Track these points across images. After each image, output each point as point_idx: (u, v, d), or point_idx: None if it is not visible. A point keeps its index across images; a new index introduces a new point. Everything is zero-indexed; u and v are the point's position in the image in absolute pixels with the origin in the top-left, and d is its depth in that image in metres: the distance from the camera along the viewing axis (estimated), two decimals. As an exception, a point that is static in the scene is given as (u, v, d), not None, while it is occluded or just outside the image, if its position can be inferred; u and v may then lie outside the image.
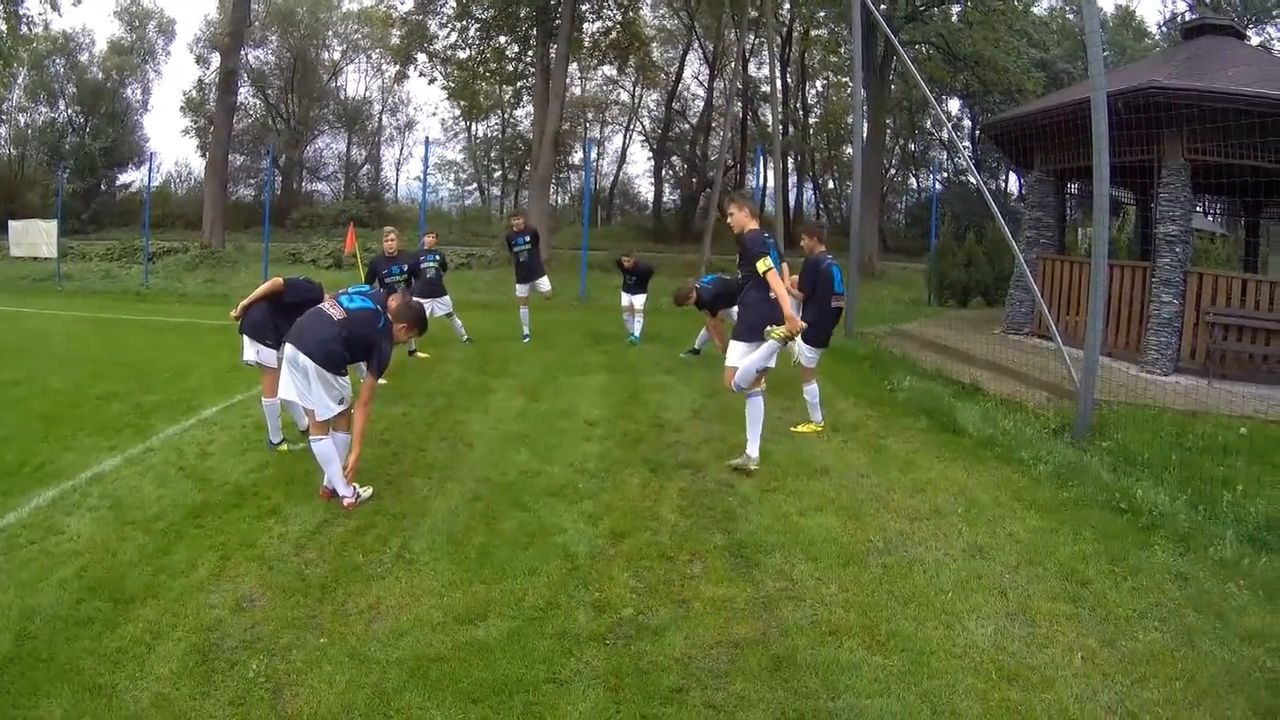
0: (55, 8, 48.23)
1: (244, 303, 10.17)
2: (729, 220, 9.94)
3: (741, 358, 9.45)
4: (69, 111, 65.14)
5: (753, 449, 9.46)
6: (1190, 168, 14.79)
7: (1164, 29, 56.32)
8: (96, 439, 10.80)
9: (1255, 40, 45.11)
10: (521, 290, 18.83)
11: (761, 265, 9.21)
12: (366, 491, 8.50)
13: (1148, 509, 8.34)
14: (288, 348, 8.23)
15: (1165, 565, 7.24)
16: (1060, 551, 7.48)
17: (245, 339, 10.19)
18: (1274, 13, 50.67)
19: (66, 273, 35.01)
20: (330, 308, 8.27)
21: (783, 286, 9.31)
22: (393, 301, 8.57)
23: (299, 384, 8.17)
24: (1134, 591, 6.75)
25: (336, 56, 72.22)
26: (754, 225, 9.73)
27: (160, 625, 6.00)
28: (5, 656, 5.65)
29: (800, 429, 11.44)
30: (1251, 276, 16.00)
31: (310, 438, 8.36)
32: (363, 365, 8.56)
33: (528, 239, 18.59)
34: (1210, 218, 33.86)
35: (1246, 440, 10.58)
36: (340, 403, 8.34)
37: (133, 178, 66.68)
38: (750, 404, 9.60)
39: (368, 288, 8.57)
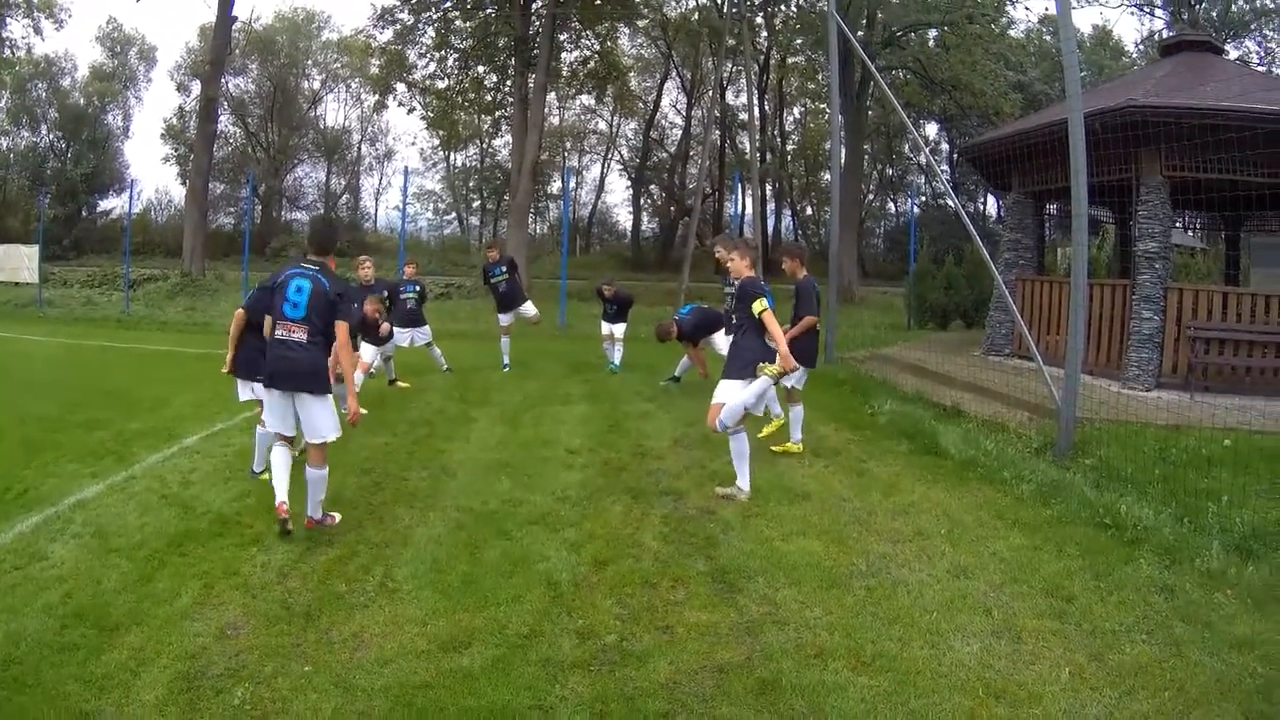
0: (38, 31, 48.41)
1: (230, 354, 10.15)
2: (727, 265, 10.13)
3: (731, 395, 9.43)
4: (51, 136, 65.29)
5: (744, 481, 9.46)
6: (1169, 184, 14.95)
7: (1141, 47, 56.63)
8: (79, 465, 10.79)
9: (1234, 55, 45.46)
10: (505, 319, 18.76)
11: (757, 306, 9.28)
12: (336, 517, 8.58)
13: (1132, 524, 8.39)
14: (270, 393, 8.27)
15: (1151, 578, 7.28)
16: (1045, 569, 7.51)
17: (238, 381, 10.25)
18: (1252, 27, 50.98)
19: (48, 298, 35.06)
20: (284, 331, 8.09)
21: (778, 328, 9.36)
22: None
23: (300, 418, 8.24)
24: (1120, 605, 6.78)
25: (316, 86, 72.67)
26: (750, 272, 9.83)
27: (145, 652, 5.98)
28: (-9, 680, 5.62)
29: (779, 448, 11.55)
30: (1232, 289, 16.30)
31: (309, 465, 8.23)
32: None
33: (503, 268, 18.55)
34: (1190, 233, 34.06)
35: (1230, 452, 10.64)
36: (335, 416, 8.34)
37: (114, 204, 66.97)
38: (735, 441, 9.58)
39: (299, 270, 8.34)
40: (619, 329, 18.50)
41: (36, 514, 8.88)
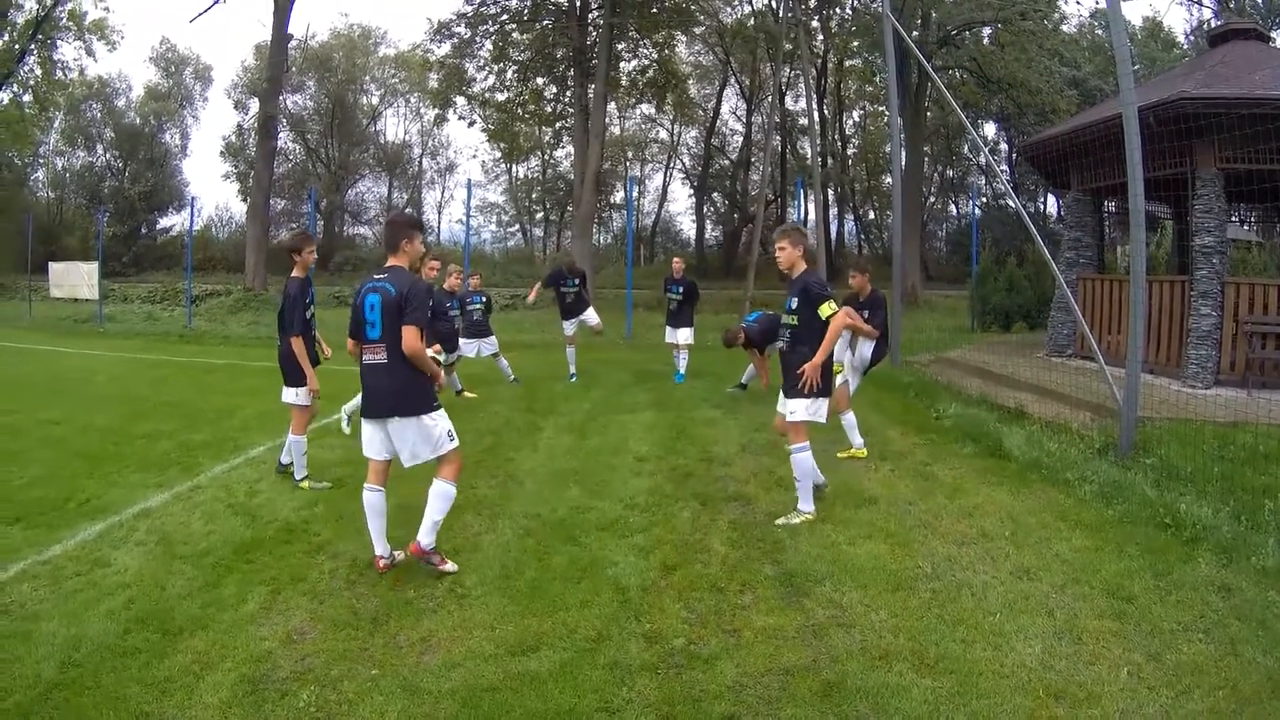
0: (90, 53, 48.84)
1: (310, 371, 10.41)
2: (777, 256, 9.46)
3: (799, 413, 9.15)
4: (107, 156, 65.95)
5: (805, 504, 9.32)
6: (1223, 177, 14.84)
7: (1192, 38, 56.07)
8: (143, 476, 10.93)
9: (1279, 41, 45.11)
10: (569, 328, 18.76)
11: (825, 310, 8.83)
12: (451, 566, 7.78)
13: (1191, 523, 8.34)
14: (369, 424, 7.77)
15: (1209, 577, 7.24)
16: (1106, 569, 7.48)
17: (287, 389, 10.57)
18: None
19: (108, 314, 35.46)
20: (369, 355, 7.65)
21: (836, 338, 9.03)
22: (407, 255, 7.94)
23: (396, 446, 7.73)
24: (1178, 605, 6.75)
25: (375, 101, 73.12)
26: (806, 265, 9.26)
27: (209, 656, 6.04)
28: (50, 682, 5.70)
29: (845, 454, 11.58)
30: (1288, 282, 15.96)
31: (436, 477, 7.71)
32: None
33: (577, 281, 18.65)
34: (1246, 226, 33.72)
35: (1287, 448, 10.53)
36: (449, 436, 7.78)
37: (173, 221, 67.98)
38: (798, 458, 9.20)
39: (371, 285, 7.66)
40: (684, 334, 18.32)
41: (100, 522, 9.01)
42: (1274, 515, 8.44)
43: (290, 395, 10.54)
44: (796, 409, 9.04)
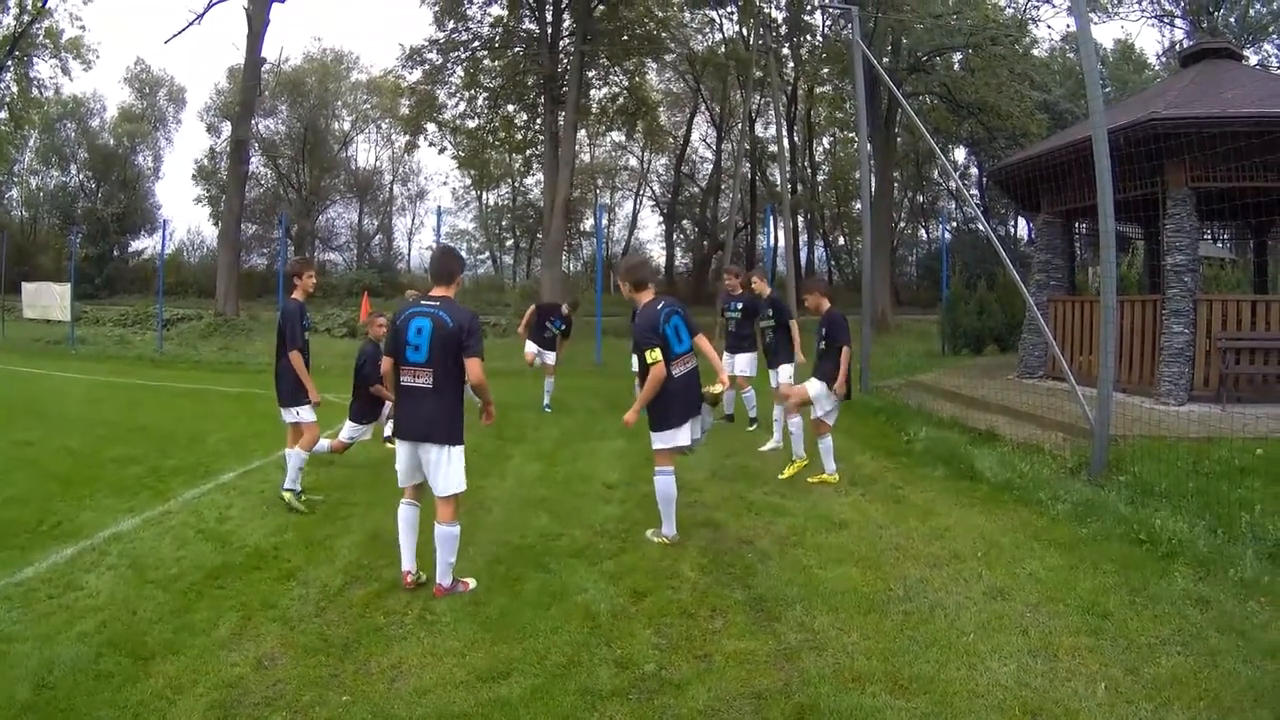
0: (66, 72, 48.75)
1: (310, 384, 10.52)
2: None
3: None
4: (80, 176, 65.76)
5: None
6: (1195, 195, 14.96)
7: (1163, 59, 56.53)
8: (114, 500, 10.88)
9: (1254, 60, 45.34)
10: (531, 349, 18.82)
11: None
12: (471, 583, 8.07)
13: (1166, 538, 8.44)
14: (399, 443, 7.90)
15: (1186, 591, 7.33)
16: (1080, 586, 7.53)
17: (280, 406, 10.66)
18: (1270, 30, 50.79)
19: (80, 336, 35.34)
20: (409, 377, 7.72)
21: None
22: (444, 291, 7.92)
23: (426, 470, 7.88)
24: (1155, 619, 6.81)
25: (346, 126, 73.02)
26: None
27: (181, 681, 6.02)
28: (23, 705, 5.69)
29: (816, 479, 11.54)
30: (1260, 298, 16.43)
31: (437, 523, 7.83)
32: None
33: (564, 325, 18.85)
34: (1219, 244, 33.92)
35: (1263, 460, 10.72)
36: (464, 478, 7.94)
37: (145, 244, 67.55)
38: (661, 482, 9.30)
39: (418, 309, 7.77)
40: (743, 362, 17.08)
41: (71, 545, 8.98)
42: (1251, 527, 8.55)
43: (291, 415, 10.60)
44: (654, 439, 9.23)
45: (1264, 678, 5.84)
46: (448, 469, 7.74)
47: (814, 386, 11.69)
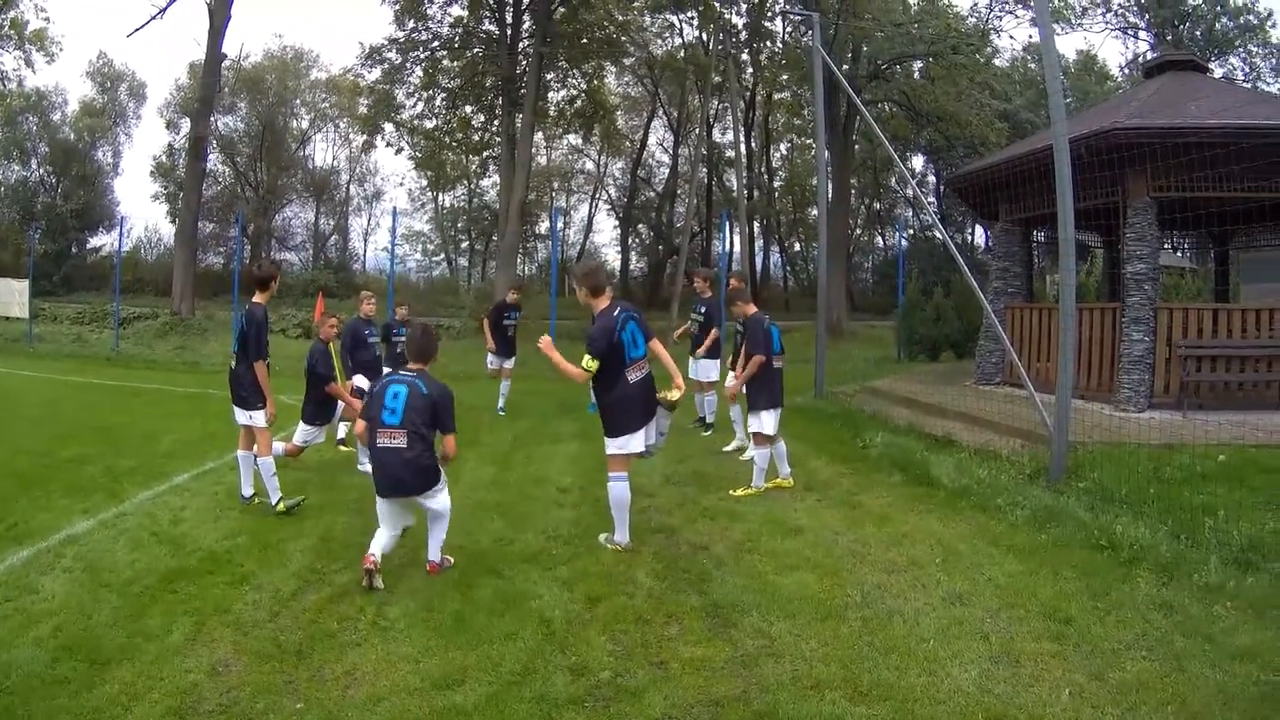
0: (29, 64, 48.29)
1: (271, 398, 10.57)
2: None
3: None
4: (41, 171, 65.06)
5: (622, 534, 9.29)
6: (1156, 205, 15.02)
7: (1127, 70, 56.78)
8: (69, 501, 10.78)
9: (1218, 73, 45.62)
10: (509, 364, 18.84)
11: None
12: (450, 560, 8.67)
13: (1128, 543, 8.47)
14: (385, 502, 8.30)
15: (1150, 596, 7.36)
16: (1041, 592, 7.55)
17: (236, 407, 10.64)
18: (1236, 44, 51.14)
19: (38, 334, 34.98)
20: (384, 439, 8.14)
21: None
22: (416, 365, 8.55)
23: (420, 504, 8.46)
24: (1119, 624, 6.83)
25: (305, 125, 72.66)
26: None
27: (137, 687, 5.96)
28: (-20, 710, 5.59)
29: (770, 483, 11.56)
30: (1222, 306, 16.47)
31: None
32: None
33: (519, 313, 18.94)
34: (1179, 253, 34.15)
35: (1225, 467, 10.80)
36: (448, 502, 8.63)
37: (103, 241, 66.75)
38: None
39: (396, 377, 8.42)
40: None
41: (27, 548, 8.89)
42: (1215, 532, 8.61)
43: (245, 418, 10.54)
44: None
45: (1232, 681, 5.87)
46: (435, 499, 8.42)
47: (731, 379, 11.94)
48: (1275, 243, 20.30)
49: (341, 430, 14.32)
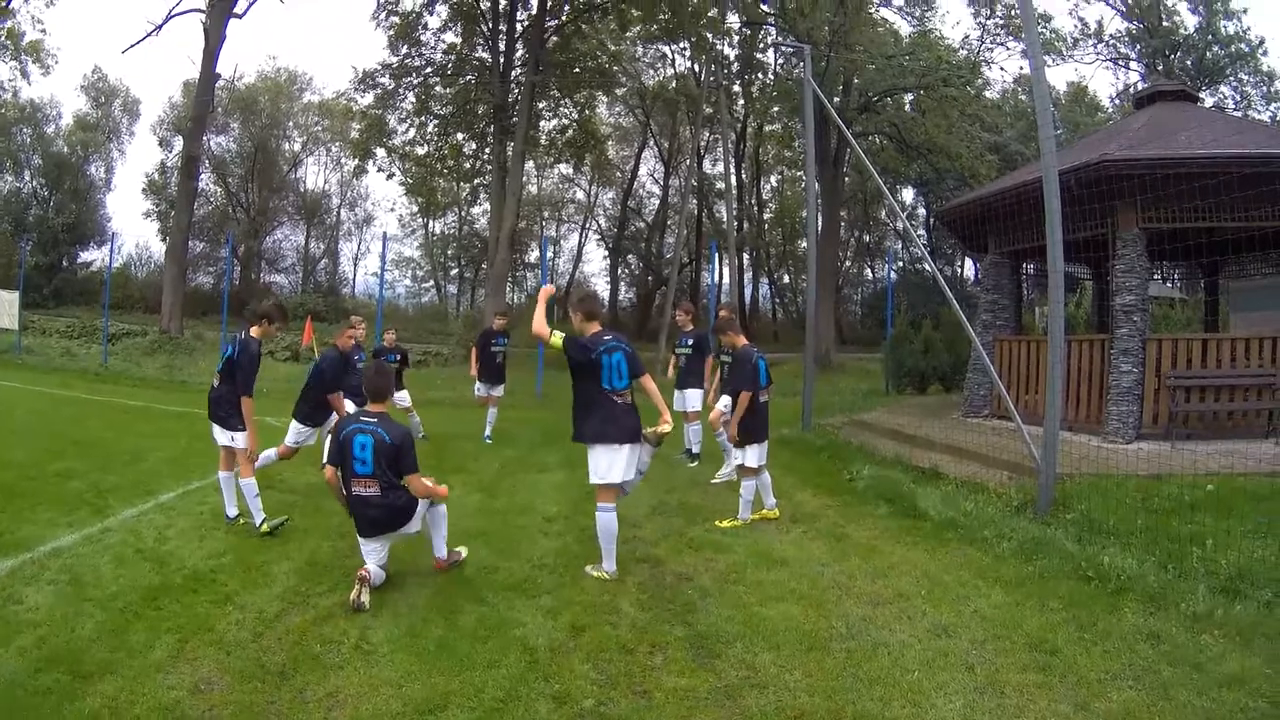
0: (25, 75, 48.27)
1: (255, 434, 10.62)
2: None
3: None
4: (34, 183, 64.90)
5: (609, 564, 9.31)
6: (1145, 236, 15.10)
7: (1118, 101, 56.90)
8: (55, 514, 10.76)
9: (1209, 102, 45.80)
10: (497, 391, 18.82)
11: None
12: (463, 552, 9.37)
13: (1115, 574, 8.47)
14: (367, 542, 8.59)
15: (1136, 626, 7.36)
16: (1027, 624, 7.54)
17: (216, 427, 10.64)
18: (1227, 72, 51.30)
19: (27, 345, 35.05)
20: (359, 488, 8.48)
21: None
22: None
23: (399, 536, 8.84)
24: (1105, 655, 6.82)
25: (297, 148, 72.66)
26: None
27: (119, 702, 5.95)
28: (-37, 718, 5.56)
29: (755, 515, 11.52)
30: (1211, 336, 16.54)
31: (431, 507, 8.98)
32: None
33: (507, 340, 18.86)
34: (1169, 284, 34.21)
35: (1213, 496, 10.78)
36: (428, 507, 9.03)
37: (94, 256, 66.42)
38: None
39: (359, 426, 8.59)
40: (692, 397, 16.48)
41: (12, 559, 8.89)
42: (1202, 562, 8.62)
43: (226, 438, 10.52)
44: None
45: (1219, 709, 5.89)
46: (416, 524, 8.85)
47: (723, 401, 12.11)
48: (1266, 271, 20.36)
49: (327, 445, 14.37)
